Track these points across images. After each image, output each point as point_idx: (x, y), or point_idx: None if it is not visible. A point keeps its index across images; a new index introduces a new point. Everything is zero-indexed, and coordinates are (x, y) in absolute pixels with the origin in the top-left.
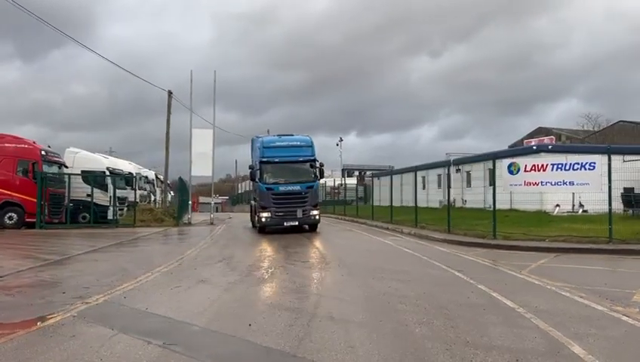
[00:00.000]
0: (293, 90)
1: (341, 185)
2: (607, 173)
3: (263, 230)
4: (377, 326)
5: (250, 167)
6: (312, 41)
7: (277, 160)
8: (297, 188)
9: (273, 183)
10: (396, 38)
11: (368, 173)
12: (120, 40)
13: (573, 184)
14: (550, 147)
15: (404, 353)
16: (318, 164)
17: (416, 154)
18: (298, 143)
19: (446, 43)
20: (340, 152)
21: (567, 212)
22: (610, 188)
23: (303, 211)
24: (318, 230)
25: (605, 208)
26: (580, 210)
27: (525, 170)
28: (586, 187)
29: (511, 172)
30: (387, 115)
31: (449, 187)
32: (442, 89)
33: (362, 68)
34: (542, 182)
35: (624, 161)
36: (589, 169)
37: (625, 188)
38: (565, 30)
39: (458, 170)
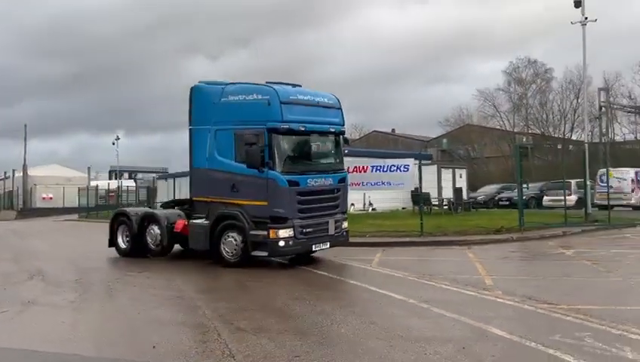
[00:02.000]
0: (55, 81)
1: (119, 187)
2: (417, 174)
3: (276, 254)
4: (300, 331)
5: (250, 143)
6: (82, 30)
7: (303, 128)
8: (330, 181)
9: (297, 173)
10: (173, 36)
11: (140, 175)
12: None
13: (390, 184)
14: (346, 151)
15: (357, 354)
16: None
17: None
18: (325, 102)
19: (224, 47)
20: (116, 152)
21: (360, 210)
22: (420, 187)
23: (335, 223)
24: None
25: (389, 206)
26: (370, 208)
27: (349, 171)
28: (401, 186)
29: None
30: (161, 114)
31: None
32: None
33: (136, 64)
34: (363, 182)
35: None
36: (403, 171)
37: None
38: (333, 47)
39: None
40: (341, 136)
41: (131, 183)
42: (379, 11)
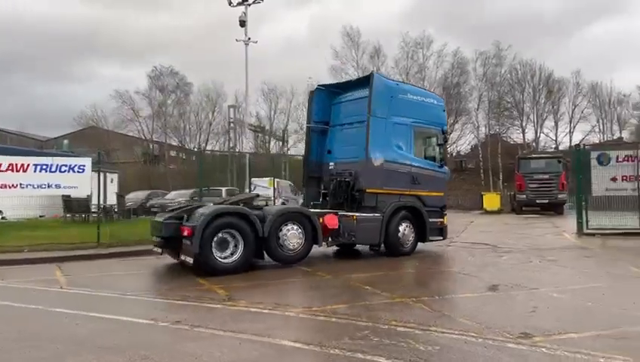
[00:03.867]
0: None
1: None
2: (97, 176)
3: (445, 238)
4: None
5: (431, 141)
6: None
7: None
8: None
9: None
10: None
11: None
12: None
13: (60, 187)
14: None
15: None
16: None
17: None
18: None
19: None
20: None
21: None
22: (99, 192)
23: None
24: None
25: (24, 213)
26: (0, 217)
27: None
28: (74, 190)
29: None
30: None
31: None
32: None
33: None
34: (22, 183)
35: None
36: (78, 172)
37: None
38: None
39: None
40: None
41: None
42: None
